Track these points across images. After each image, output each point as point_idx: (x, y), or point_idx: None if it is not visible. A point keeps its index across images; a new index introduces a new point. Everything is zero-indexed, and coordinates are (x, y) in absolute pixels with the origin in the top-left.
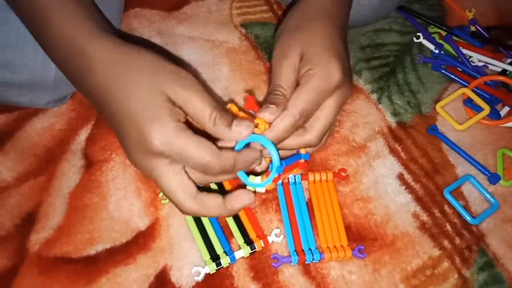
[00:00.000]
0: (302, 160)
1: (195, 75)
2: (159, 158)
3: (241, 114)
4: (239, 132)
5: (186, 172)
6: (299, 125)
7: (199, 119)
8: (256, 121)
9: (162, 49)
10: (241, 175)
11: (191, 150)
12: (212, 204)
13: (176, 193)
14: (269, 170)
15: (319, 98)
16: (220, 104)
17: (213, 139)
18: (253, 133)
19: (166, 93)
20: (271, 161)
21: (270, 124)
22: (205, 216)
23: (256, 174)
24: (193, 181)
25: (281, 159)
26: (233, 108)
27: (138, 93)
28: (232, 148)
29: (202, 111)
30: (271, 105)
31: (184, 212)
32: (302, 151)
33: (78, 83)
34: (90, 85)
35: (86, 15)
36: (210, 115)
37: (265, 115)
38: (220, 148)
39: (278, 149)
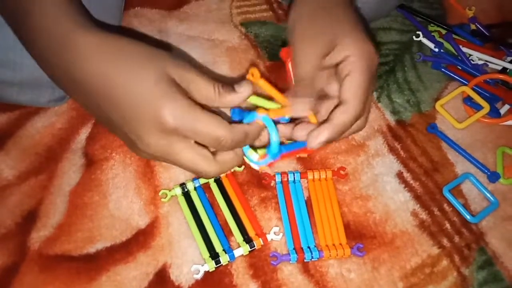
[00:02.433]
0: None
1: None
2: (173, 136)
3: (262, 81)
4: (243, 91)
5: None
6: (361, 115)
7: (204, 95)
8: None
9: (157, 40)
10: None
11: (205, 124)
12: (230, 157)
13: (198, 164)
14: (267, 152)
15: (371, 81)
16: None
17: None
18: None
19: (171, 75)
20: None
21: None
22: (230, 169)
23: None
24: (205, 146)
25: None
26: (256, 72)
27: (142, 75)
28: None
29: (206, 87)
30: (300, 100)
31: (211, 177)
32: None
33: (64, 76)
34: (82, 76)
35: (71, 7)
36: (214, 89)
37: (298, 112)
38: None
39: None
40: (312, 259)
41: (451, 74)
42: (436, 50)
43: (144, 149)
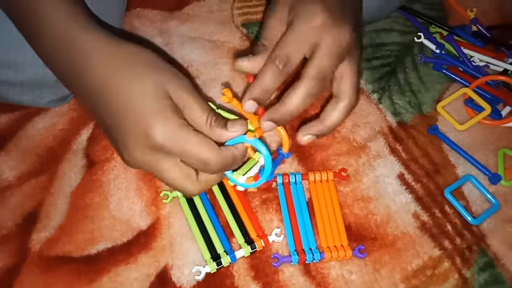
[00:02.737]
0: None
1: (189, 77)
2: (159, 153)
3: (234, 101)
4: (235, 131)
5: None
6: (283, 71)
7: (196, 122)
8: (248, 121)
9: (159, 49)
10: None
11: (193, 146)
12: (213, 177)
13: (182, 183)
14: (259, 174)
15: (298, 39)
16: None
17: None
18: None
19: (169, 92)
20: (262, 166)
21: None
22: (211, 187)
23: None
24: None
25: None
26: (227, 93)
27: (141, 86)
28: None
29: (200, 115)
30: (250, 55)
31: (193, 195)
32: (284, 150)
33: (70, 78)
34: (86, 78)
35: (78, 9)
36: (206, 120)
37: (243, 63)
38: (220, 145)
39: (271, 153)
40: (314, 261)
41: (452, 76)
42: (437, 51)
43: (129, 160)
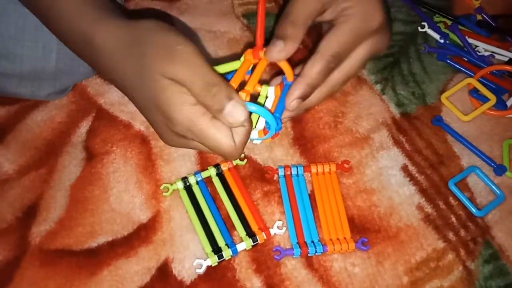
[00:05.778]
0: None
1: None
2: (186, 137)
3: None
4: (229, 122)
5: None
6: (332, 69)
7: (196, 97)
8: (260, 88)
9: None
10: None
11: (211, 140)
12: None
13: (222, 144)
14: (266, 128)
15: (355, 40)
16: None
17: None
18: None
19: (168, 75)
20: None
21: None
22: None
23: None
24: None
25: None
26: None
27: (146, 79)
28: None
29: (197, 96)
30: (278, 41)
31: (238, 154)
32: (289, 79)
33: (95, 68)
34: (103, 70)
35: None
36: (201, 92)
37: (272, 54)
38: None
39: (270, 112)
40: (316, 254)
41: (457, 66)
42: (442, 41)
43: (166, 142)
